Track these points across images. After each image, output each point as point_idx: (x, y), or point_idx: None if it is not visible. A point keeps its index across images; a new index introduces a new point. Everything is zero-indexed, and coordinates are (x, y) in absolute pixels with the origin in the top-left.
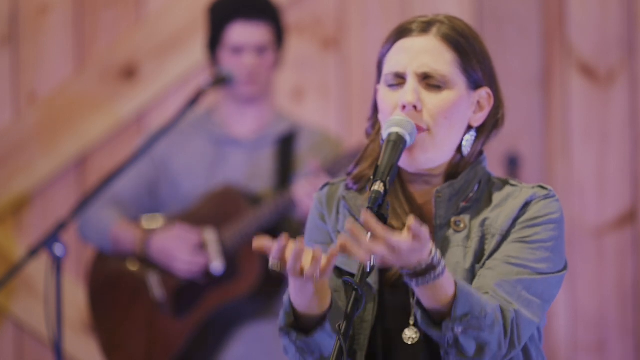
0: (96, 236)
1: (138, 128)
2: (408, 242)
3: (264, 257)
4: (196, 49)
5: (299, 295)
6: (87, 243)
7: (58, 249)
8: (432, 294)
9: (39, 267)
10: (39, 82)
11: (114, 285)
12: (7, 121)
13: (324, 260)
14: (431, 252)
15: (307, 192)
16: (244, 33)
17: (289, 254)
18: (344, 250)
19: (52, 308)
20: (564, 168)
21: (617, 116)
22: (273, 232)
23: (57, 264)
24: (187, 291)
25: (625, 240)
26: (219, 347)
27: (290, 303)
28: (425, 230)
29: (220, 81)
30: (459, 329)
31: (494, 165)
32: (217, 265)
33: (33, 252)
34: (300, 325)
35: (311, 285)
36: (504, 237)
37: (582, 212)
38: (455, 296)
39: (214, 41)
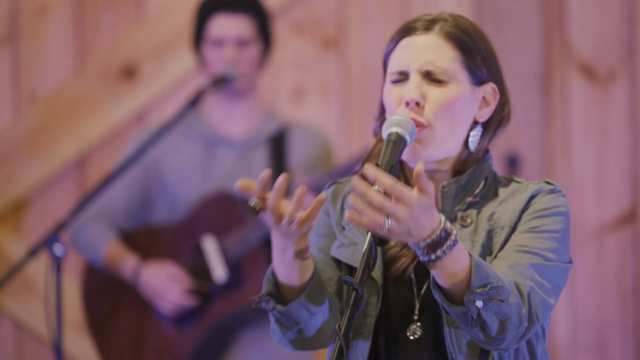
0: (88, 253)
1: (138, 128)
2: (417, 194)
3: (269, 263)
4: None
5: (280, 260)
6: (80, 255)
7: (58, 249)
8: (449, 269)
9: (39, 267)
10: (39, 82)
11: (109, 289)
12: (7, 121)
13: (302, 213)
14: (441, 220)
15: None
16: (224, 25)
17: (271, 195)
18: (353, 219)
19: (52, 308)
20: (564, 168)
21: (617, 116)
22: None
23: (57, 264)
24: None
25: (625, 240)
26: (224, 356)
27: (273, 271)
28: (431, 184)
29: (220, 81)
30: (480, 301)
31: (494, 165)
32: (219, 274)
33: (33, 252)
34: (282, 297)
35: (292, 248)
36: (513, 229)
37: (582, 212)
38: (471, 267)
39: (198, 37)
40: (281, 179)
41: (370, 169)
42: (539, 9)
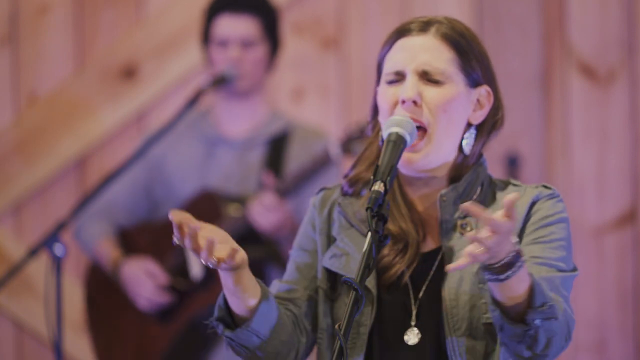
0: (87, 250)
1: (138, 128)
2: (507, 222)
3: None
4: (196, 49)
5: (224, 289)
6: (83, 252)
7: (58, 249)
8: (513, 288)
9: (39, 267)
10: (39, 82)
11: (110, 288)
12: (7, 121)
13: (223, 250)
14: (514, 241)
15: (258, 211)
16: (229, 26)
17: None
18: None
19: (52, 308)
20: (564, 168)
21: (617, 116)
22: (251, 236)
23: (57, 264)
24: (171, 296)
25: (625, 240)
26: (204, 352)
27: (224, 297)
28: (516, 211)
29: (221, 81)
30: (539, 320)
31: (494, 165)
32: (196, 271)
33: (33, 252)
34: (234, 322)
35: (230, 280)
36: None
37: (582, 212)
38: (532, 285)
39: (205, 37)
40: (193, 226)
41: (468, 205)
42: (539, 9)
